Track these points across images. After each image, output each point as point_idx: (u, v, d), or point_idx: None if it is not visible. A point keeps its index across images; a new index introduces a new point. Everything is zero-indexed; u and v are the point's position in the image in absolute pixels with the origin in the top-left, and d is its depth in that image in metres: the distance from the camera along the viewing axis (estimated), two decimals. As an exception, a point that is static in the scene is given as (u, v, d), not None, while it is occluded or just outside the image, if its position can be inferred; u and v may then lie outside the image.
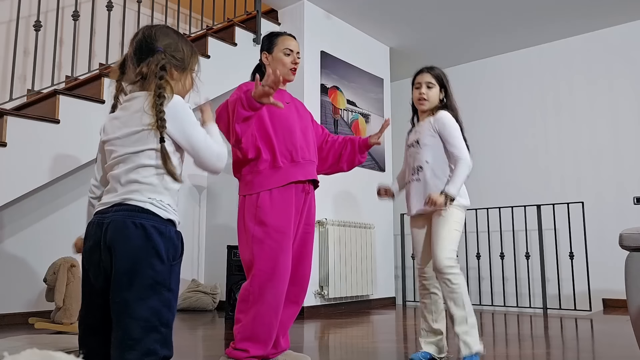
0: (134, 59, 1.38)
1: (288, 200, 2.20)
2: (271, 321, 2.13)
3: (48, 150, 3.36)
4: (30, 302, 3.96)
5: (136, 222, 1.27)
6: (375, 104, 5.51)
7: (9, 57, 4.15)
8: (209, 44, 4.36)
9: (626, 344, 2.90)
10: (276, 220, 2.15)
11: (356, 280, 4.83)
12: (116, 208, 1.29)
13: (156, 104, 1.30)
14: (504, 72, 5.89)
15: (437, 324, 2.48)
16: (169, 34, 1.41)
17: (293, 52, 2.35)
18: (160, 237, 1.28)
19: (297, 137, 2.28)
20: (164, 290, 1.28)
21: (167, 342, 1.30)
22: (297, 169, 2.25)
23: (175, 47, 1.40)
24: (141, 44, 1.38)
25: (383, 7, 4.89)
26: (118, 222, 1.27)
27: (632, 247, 1.94)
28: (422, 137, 2.46)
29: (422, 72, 2.55)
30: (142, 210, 1.28)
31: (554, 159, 5.47)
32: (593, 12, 4.98)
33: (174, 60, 1.39)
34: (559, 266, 5.12)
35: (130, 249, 1.25)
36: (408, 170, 2.57)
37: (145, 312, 1.24)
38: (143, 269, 1.25)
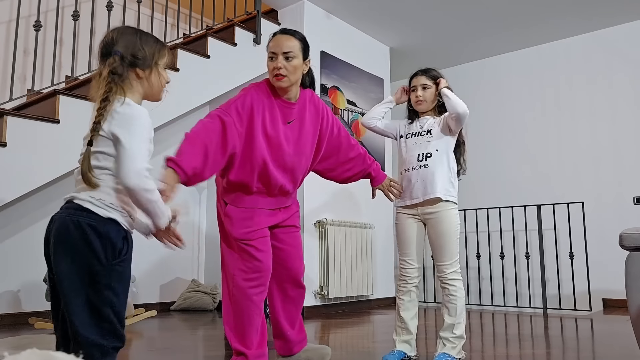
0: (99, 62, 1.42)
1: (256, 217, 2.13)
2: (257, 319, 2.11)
3: (48, 150, 3.36)
4: (30, 302, 3.96)
5: (74, 220, 1.30)
6: (376, 104, 5.50)
7: (9, 57, 4.15)
8: (209, 44, 4.36)
9: (626, 344, 2.90)
10: (241, 233, 2.10)
11: (356, 280, 4.83)
12: (66, 205, 1.35)
13: (99, 107, 1.32)
14: (504, 72, 5.89)
15: (412, 322, 2.50)
16: (129, 34, 1.43)
17: (277, 55, 2.09)
18: (97, 236, 1.29)
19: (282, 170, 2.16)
20: (103, 289, 1.29)
21: (112, 334, 1.31)
22: (268, 200, 2.18)
23: (135, 47, 1.40)
24: (102, 49, 1.41)
25: (383, 7, 4.89)
26: (61, 219, 1.32)
27: (632, 247, 1.94)
28: (433, 128, 2.50)
29: (417, 75, 2.59)
30: (81, 209, 1.31)
31: (554, 159, 5.47)
32: (593, 12, 4.98)
33: (136, 60, 1.40)
34: (559, 266, 5.12)
35: (67, 248, 1.29)
36: (406, 159, 2.54)
37: (82, 310, 1.28)
38: (79, 269, 1.28)
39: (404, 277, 2.52)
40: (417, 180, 2.46)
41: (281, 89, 2.14)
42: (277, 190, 2.18)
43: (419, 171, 2.46)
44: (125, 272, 1.34)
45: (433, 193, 2.41)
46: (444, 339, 2.39)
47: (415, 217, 2.51)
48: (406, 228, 2.52)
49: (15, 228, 3.95)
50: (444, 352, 2.36)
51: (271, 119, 2.12)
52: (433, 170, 2.43)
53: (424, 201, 2.45)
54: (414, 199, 2.47)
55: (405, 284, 2.52)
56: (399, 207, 2.58)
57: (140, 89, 1.42)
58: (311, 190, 4.51)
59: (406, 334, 2.50)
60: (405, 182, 2.52)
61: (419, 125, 2.58)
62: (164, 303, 4.81)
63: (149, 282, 4.73)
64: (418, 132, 2.55)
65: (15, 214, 3.95)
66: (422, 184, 2.44)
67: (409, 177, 2.50)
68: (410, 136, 2.57)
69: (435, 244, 2.47)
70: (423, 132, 2.53)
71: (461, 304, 2.40)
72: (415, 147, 2.52)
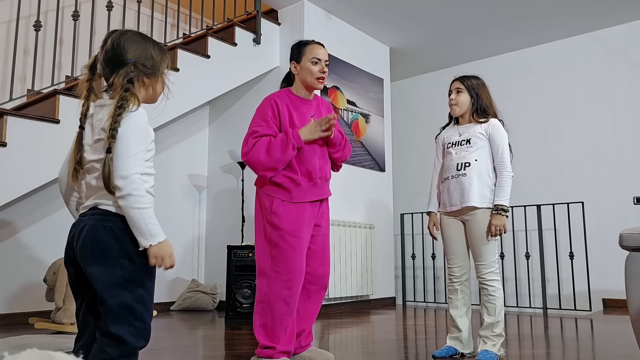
0: (105, 67, 1.43)
1: (301, 211, 2.30)
2: (288, 319, 2.24)
3: (48, 150, 3.36)
4: (30, 302, 3.96)
5: (105, 225, 1.35)
6: (375, 104, 5.51)
7: (9, 57, 4.15)
8: (209, 44, 4.36)
9: (626, 344, 2.90)
10: (290, 225, 2.25)
11: (356, 280, 4.83)
12: (92, 212, 1.38)
13: (115, 114, 1.34)
14: (504, 72, 5.89)
15: (462, 320, 2.60)
16: (138, 42, 1.44)
17: (321, 61, 2.37)
18: (129, 239, 1.35)
19: (317, 157, 2.36)
20: (136, 287, 1.36)
21: (141, 334, 1.37)
22: (313, 190, 2.35)
23: (146, 56, 1.43)
24: (111, 55, 1.41)
25: (383, 7, 4.89)
26: (90, 225, 1.36)
27: (632, 247, 1.94)
28: (473, 137, 2.60)
29: (453, 80, 2.71)
30: (111, 214, 1.36)
31: (554, 159, 5.47)
32: (593, 12, 4.98)
33: (145, 69, 1.43)
34: (559, 266, 5.12)
35: (101, 250, 1.34)
36: (447, 167, 2.65)
37: (118, 308, 1.34)
38: (114, 269, 1.34)
39: (450, 276, 2.64)
40: (456, 189, 2.58)
41: (307, 89, 2.42)
42: (317, 177, 2.35)
43: (457, 180, 2.58)
44: (154, 271, 1.41)
45: (469, 201, 2.52)
46: (484, 337, 2.49)
47: (457, 219, 2.62)
48: (448, 229, 2.64)
49: (15, 228, 3.95)
50: (486, 349, 2.45)
51: (297, 113, 2.37)
52: (470, 179, 2.54)
53: (461, 208, 2.56)
54: (453, 206, 2.59)
55: (451, 282, 2.64)
56: (440, 212, 2.71)
57: (143, 95, 1.46)
58: (311, 190, 4.51)
59: (456, 331, 2.61)
60: (445, 190, 2.64)
61: (458, 134, 2.67)
62: (164, 303, 4.81)
63: (149, 282, 4.72)
64: (458, 141, 2.65)
65: (15, 213, 3.95)
66: (460, 192, 2.56)
67: (448, 186, 2.62)
68: (451, 146, 2.67)
69: (472, 246, 2.57)
70: (463, 142, 2.63)
71: (500, 304, 2.49)
72: (456, 156, 2.62)
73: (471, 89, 2.65)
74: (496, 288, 2.49)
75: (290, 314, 2.24)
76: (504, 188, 2.51)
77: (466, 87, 2.64)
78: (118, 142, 1.32)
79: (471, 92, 2.65)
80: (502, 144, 2.56)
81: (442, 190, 2.67)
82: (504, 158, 2.55)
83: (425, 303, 5.60)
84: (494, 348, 2.46)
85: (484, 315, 2.50)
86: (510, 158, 2.58)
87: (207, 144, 5.47)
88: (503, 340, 2.53)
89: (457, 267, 2.61)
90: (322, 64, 2.38)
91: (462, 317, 2.60)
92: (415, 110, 6.53)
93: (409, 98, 6.60)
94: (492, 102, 2.69)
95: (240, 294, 4.10)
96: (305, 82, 2.39)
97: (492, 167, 2.58)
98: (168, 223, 4.97)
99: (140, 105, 1.42)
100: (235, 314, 4.08)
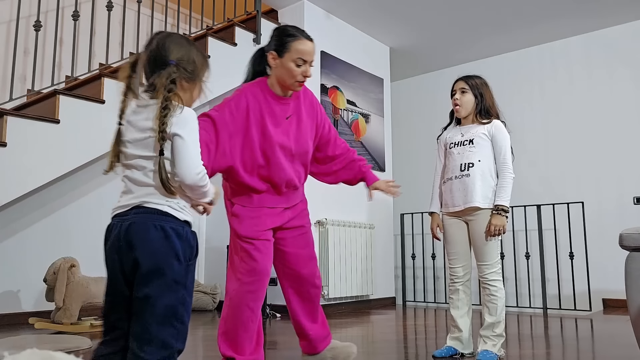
0: (147, 67, 1.42)
1: (262, 214, 2.12)
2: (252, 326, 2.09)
3: (48, 150, 3.36)
4: (30, 302, 3.96)
5: (156, 224, 1.34)
6: (375, 104, 5.51)
7: (9, 57, 4.15)
8: (209, 44, 4.36)
9: (626, 344, 2.90)
10: (247, 231, 2.09)
11: (356, 280, 4.83)
12: (135, 210, 1.36)
13: (160, 115, 1.34)
14: (504, 72, 5.89)
15: (462, 320, 2.60)
16: (182, 45, 1.44)
17: (306, 63, 2.06)
18: (178, 238, 1.36)
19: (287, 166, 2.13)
20: (181, 289, 1.35)
21: (180, 336, 1.36)
22: (277, 199, 2.17)
23: (188, 60, 1.43)
24: (155, 55, 1.41)
25: (383, 7, 4.89)
26: (139, 224, 1.34)
27: (632, 247, 1.94)
28: (476, 138, 2.59)
29: (457, 80, 2.69)
30: (160, 213, 1.35)
31: (554, 159, 5.47)
32: (593, 12, 4.98)
33: (186, 73, 1.42)
34: (559, 266, 5.12)
35: (151, 249, 1.33)
36: (450, 168, 2.64)
37: (162, 309, 1.32)
38: (163, 269, 1.32)
39: (451, 275, 2.64)
40: (459, 189, 2.58)
41: (284, 88, 2.15)
42: (284, 186, 2.15)
43: (461, 180, 2.58)
44: (194, 271, 1.41)
45: (472, 202, 2.53)
46: (485, 337, 2.49)
47: (460, 219, 2.62)
48: (451, 229, 2.64)
49: (15, 228, 3.95)
50: (486, 349, 2.46)
51: (270, 115, 2.10)
52: (474, 179, 2.54)
53: (464, 209, 2.56)
54: (456, 206, 2.59)
55: (452, 282, 2.63)
56: (443, 212, 2.70)
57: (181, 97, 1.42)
58: (311, 190, 4.50)
59: (457, 331, 2.60)
60: (448, 191, 2.63)
61: (460, 134, 2.67)
62: (164, 303, 4.80)
63: (149, 282, 4.72)
64: (460, 141, 2.64)
65: (15, 214, 3.95)
66: (463, 192, 2.56)
67: (451, 186, 2.62)
68: (454, 146, 2.66)
69: (475, 246, 2.57)
70: (465, 142, 2.62)
71: (501, 304, 2.49)
72: (458, 157, 2.62)
73: (475, 88, 2.64)
74: (498, 288, 2.50)
75: (255, 321, 2.09)
76: (505, 189, 2.51)
77: (470, 87, 2.63)
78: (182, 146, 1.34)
79: (475, 91, 2.64)
80: (505, 145, 2.56)
81: (444, 191, 2.67)
82: (506, 159, 2.55)
83: (425, 303, 5.60)
84: (494, 348, 2.46)
85: (485, 315, 2.51)
86: (511, 159, 2.58)
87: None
88: (503, 341, 2.53)
89: (460, 267, 2.60)
90: (306, 65, 2.07)
91: (463, 317, 2.61)
92: (415, 110, 6.53)
93: (409, 98, 6.60)
94: (495, 102, 2.68)
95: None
96: (282, 82, 2.11)
97: (494, 167, 2.58)
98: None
99: None
100: (235, 314, 4.07)
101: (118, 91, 1.44)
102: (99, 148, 3.64)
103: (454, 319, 2.61)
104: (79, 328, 3.43)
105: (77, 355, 2.49)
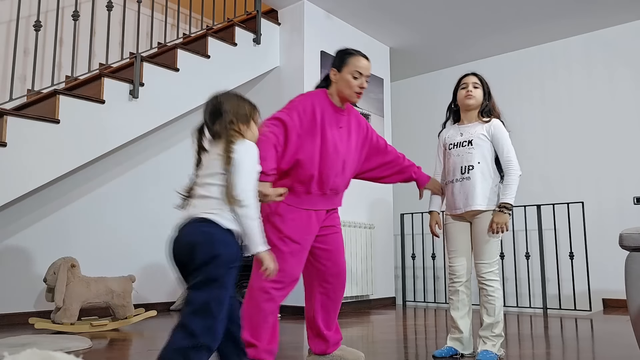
0: (209, 122, 1.75)
1: (306, 218, 2.28)
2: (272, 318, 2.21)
3: (48, 150, 3.36)
4: (30, 302, 3.96)
5: (203, 229, 1.58)
6: (375, 104, 5.51)
7: (9, 57, 4.15)
8: (209, 44, 4.36)
9: (626, 344, 2.90)
10: (292, 231, 2.23)
11: (356, 280, 4.83)
12: (190, 219, 1.63)
13: (228, 147, 1.65)
14: (504, 72, 5.89)
15: (462, 321, 2.61)
16: (232, 99, 1.77)
17: (362, 76, 2.32)
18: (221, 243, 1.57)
19: (336, 169, 2.31)
20: (217, 287, 1.54)
21: (210, 332, 1.52)
22: (322, 200, 2.33)
23: (238, 107, 1.75)
24: (213, 110, 1.75)
25: (383, 7, 4.89)
26: (188, 228, 1.61)
27: (632, 247, 1.94)
28: (475, 138, 2.59)
29: (468, 75, 2.69)
30: (207, 221, 1.59)
31: (554, 159, 5.47)
32: (593, 12, 4.98)
33: (239, 116, 1.73)
34: (559, 266, 5.12)
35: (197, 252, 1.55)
36: (450, 170, 2.64)
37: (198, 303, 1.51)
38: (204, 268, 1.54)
39: (451, 275, 2.64)
40: (460, 192, 2.58)
41: (341, 100, 2.37)
42: (329, 190, 2.32)
43: (462, 183, 2.58)
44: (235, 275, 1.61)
45: (473, 205, 2.53)
46: (484, 337, 2.50)
47: (463, 223, 2.63)
48: (453, 229, 2.65)
49: (15, 228, 3.95)
50: (486, 349, 2.47)
51: (328, 120, 2.32)
52: (474, 182, 2.54)
53: (465, 212, 2.57)
54: (457, 209, 2.60)
55: (452, 283, 2.63)
56: (446, 213, 2.71)
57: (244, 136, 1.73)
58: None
59: (457, 332, 2.61)
60: (449, 193, 2.65)
61: (460, 134, 2.66)
62: (164, 303, 4.81)
63: (149, 282, 4.73)
64: (460, 142, 2.63)
65: (15, 213, 3.95)
66: (464, 195, 2.56)
67: (452, 189, 2.62)
68: (453, 147, 2.66)
69: (476, 244, 2.57)
70: (464, 143, 2.61)
71: (499, 304, 2.50)
72: (458, 159, 2.61)
73: (486, 85, 2.67)
74: (495, 288, 2.49)
75: (274, 314, 2.22)
76: (510, 187, 2.49)
77: (482, 83, 2.65)
78: (238, 164, 1.62)
79: (485, 88, 2.66)
80: (507, 143, 2.55)
81: (446, 193, 2.67)
82: (510, 157, 2.54)
83: (425, 303, 5.60)
84: (494, 348, 2.47)
85: (484, 316, 2.51)
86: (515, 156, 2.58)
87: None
88: (503, 340, 2.54)
89: (459, 266, 2.60)
90: (362, 78, 2.32)
91: (463, 318, 2.61)
92: (415, 110, 6.53)
93: (409, 98, 6.60)
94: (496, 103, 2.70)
95: (241, 294, 4.10)
96: (341, 93, 2.35)
97: (492, 167, 2.57)
98: (168, 223, 4.96)
99: None
100: (235, 314, 4.07)
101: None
102: (98, 148, 3.64)
103: (454, 320, 2.61)
104: (79, 328, 3.43)
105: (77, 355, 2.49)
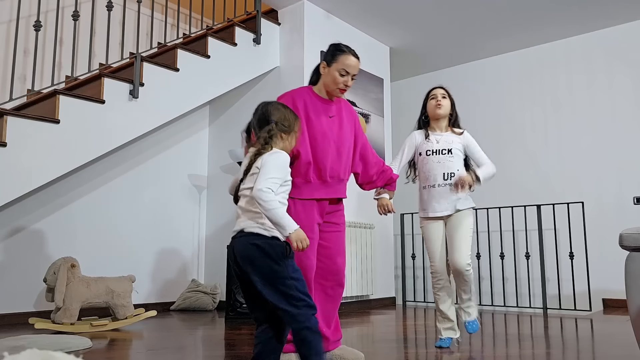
0: (256, 127, 1.95)
1: (309, 209, 2.36)
2: None
3: (48, 150, 3.36)
4: (30, 302, 3.96)
5: (252, 242, 1.81)
6: (375, 104, 5.51)
7: (9, 57, 4.15)
8: (209, 44, 4.36)
9: (626, 344, 2.90)
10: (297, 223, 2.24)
11: (356, 280, 4.83)
12: (240, 234, 1.85)
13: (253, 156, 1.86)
14: (504, 72, 5.89)
15: (450, 311, 2.87)
16: (279, 109, 1.96)
17: (349, 75, 2.42)
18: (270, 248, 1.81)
19: (330, 156, 2.40)
20: (286, 280, 1.79)
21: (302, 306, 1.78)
22: (322, 188, 2.40)
23: (284, 118, 1.94)
24: (261, 118, 1.94)
25: (383, 7, 4.89)
26: (241, 245, 1.83)
27: (632, 247, 1.94)
28: (454, 148, 2.87)
29: (436, 88, 3.01)
30: (254, 234, 1.82)
31: (554, 159, 5.47)
32: (593, 12, 4.98)
33: (283, 127, 1.93)
34: (559, 266, 5.12)
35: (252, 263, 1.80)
36: (430, 175, 2.86)
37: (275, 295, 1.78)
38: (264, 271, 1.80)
39: (435, 274, 2.86)
40: (443, 197, 2.82)
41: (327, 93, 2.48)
42: (329, 177, 2.40)
43: (445, 189, 2.82)
44: (295, 264, 1.84)
45: (458, 207, 2.80)
46: (465, 308, 2.87)
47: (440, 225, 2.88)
48: (434, 237, 2.87)
49: (15, 228, 3.95)
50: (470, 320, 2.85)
51: (313, 110, 2.43)
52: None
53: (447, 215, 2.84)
54: (442, 212, 2.83)
55: (437, 280, 2.87)
56: (421, 217, 2.93)
57: (281, 145, 1.94)
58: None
59: (448, 322, 2.87)
60: (429, 198, 2.86)
61: (435, 140, 2.91)
62: (164, 303, 4.81)
63: (149, 282, 4.73)
64: (438, 149, 2.88)
65: (15, 214, 3.95)
66: (449, 199, 2.81)
67: (433, 194, 2.85)
68: (431, 153, 2.89)
69: (453, 238, 2.79)
70: (444, 151, 2.87)
71: (472, 282, 2.84)
72: (438, 165, 2.85)
73: (451, 97, 2.98)
74: (470, 272, 2.77)
75: None
76: (488, 167, 2.87)
77: (448, 95, 2.97)
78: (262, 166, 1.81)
79: (451, 99, 2.98)
80: (480, 150, 2.92)
81: (427, 197, 2.87)
82: (485, 157, 2.92)
83: (425, 303, 5.60)
84: (475, 312, 2.87)
85: (462, 295, 2.85)
86: None
87: (207, 144, 5.48)
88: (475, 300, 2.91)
89: (441, 265, 2.84)
90: (348, 77, 2.43)
91: (450, 307, 2.87)
92: (415, 110, 6.49)
93: (409, 98, 6.59)
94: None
95: (241, 294, 4.10)
96: (327, 86, 2.47)
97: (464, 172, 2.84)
98: (168, 223, 4.96)
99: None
100: (235, 314, 4.08)
101: None
102: (98, 148, 3.64)
103: (443, 312, 2.86)
104: (79, 328, 3.43)
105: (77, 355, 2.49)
